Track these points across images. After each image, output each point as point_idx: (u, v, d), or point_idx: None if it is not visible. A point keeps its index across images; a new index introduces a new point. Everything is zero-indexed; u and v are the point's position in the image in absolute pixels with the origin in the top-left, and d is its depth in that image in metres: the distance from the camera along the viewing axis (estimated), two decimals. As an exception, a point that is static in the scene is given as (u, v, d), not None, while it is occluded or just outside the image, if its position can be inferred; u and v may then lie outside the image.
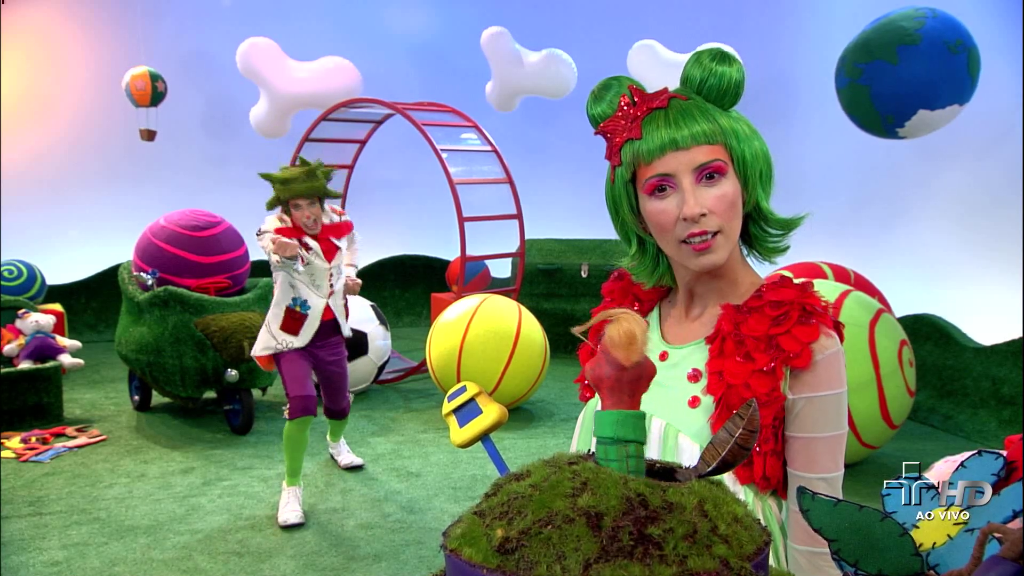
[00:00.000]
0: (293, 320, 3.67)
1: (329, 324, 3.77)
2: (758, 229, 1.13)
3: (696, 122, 1.04)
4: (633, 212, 1.12)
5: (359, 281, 4.03)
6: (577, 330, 0.73)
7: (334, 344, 3.84)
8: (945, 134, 4.26)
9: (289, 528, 3.56)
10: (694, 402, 1.08)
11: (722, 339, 1.08)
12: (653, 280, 1.18)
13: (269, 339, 3.70)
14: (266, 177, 3.62)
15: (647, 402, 0.68)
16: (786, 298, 1.07)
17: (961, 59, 3.85)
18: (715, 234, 1.05)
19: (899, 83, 3.90)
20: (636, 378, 0.61)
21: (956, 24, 3.91)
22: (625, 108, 1.08)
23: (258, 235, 3.61)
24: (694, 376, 1.10)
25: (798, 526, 1.07)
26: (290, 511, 3.62)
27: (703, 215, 1.04)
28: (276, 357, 3.73)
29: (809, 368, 1.04)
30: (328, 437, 4.43)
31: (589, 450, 1.10)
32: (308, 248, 3.63)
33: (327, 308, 3.72)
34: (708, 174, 1.04)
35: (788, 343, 1.04)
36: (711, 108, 1.06)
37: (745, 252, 1.16)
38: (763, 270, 1.20)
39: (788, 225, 1.13)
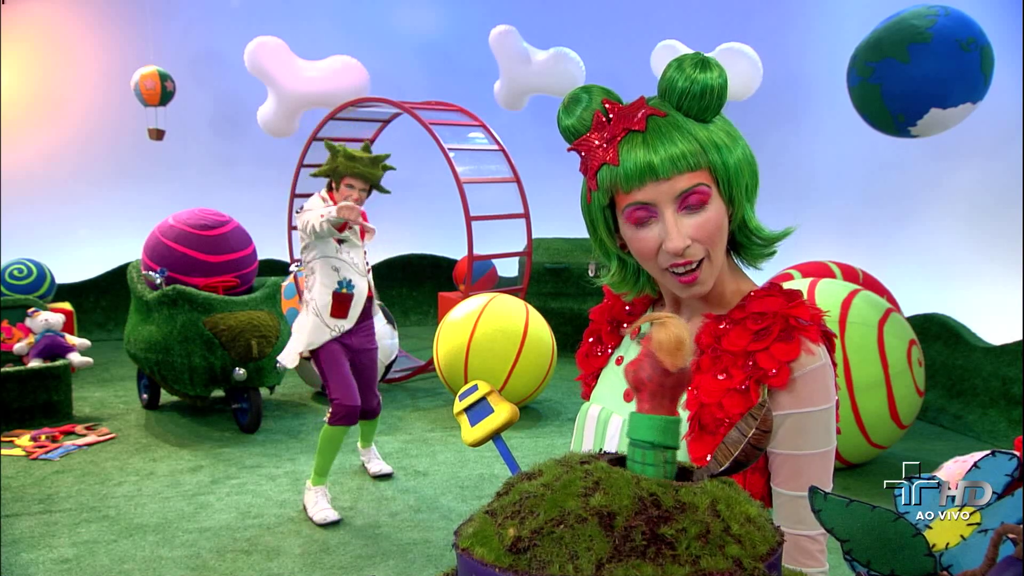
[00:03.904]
0: (340, 303, 3.65)
1: (364, 306, 3.77)
2: (744, 238, 1.09)
3: (675, 143, 0.98)
4: (610, 233, 1.08)
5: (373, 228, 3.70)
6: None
7: (366, 330, 3.83)
8: (954, 133, 4.24)
9: (327, 525, 3.58)
10: None
11: (699, 353, 1.05)
12: (635, 293, 1.16)
13: (319, 331, 3.64)
14: (330, 147, 3.57)
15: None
16: (770, 309, 1.02)
17: (974, 57, 3.82)
18: (700, 262, 1.02)
19: (910, 81, 3.87)
20: (678, 383, 0.61)
21: (969, 22, 3.88)
22: (599, 126, 1.01)
23: (299, 211, 3.61)
24: None
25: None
26: (326, 509, 3.63)
27: (687, 246, 1.00)
28: (315, 354, 3.69)
29: (787, 387, 1.00)
30: (359, 443, 4.27)
31: (601, 449, 1.10)
32: (349, 227, 3.64)
33: (368, 287, 3.76)
34: (691, 202, 1.00)
35: (765, 361, 1.00)
36: (690, 123, 0.99)
37: (732, 254, 1.13)
38: (764, 272, 1.18)
39: (775, 239, 1.09)
